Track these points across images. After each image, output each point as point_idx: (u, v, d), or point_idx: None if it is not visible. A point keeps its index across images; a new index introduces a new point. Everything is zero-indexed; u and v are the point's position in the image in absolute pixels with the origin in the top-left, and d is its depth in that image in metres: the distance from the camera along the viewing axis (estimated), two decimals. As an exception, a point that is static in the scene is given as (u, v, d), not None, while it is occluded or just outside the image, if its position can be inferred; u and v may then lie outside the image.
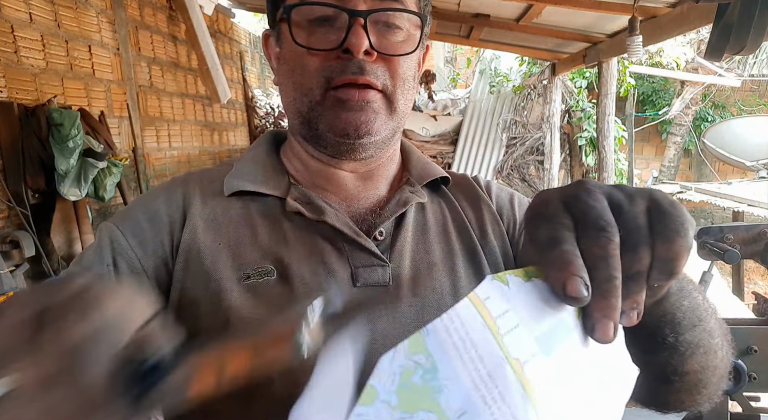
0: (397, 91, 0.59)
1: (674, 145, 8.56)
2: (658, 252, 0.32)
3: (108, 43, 3.36)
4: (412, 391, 0.28)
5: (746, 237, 1.04)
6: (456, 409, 0.27)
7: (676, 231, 0.32)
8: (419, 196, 0.65)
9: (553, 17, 3.59)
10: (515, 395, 0.28)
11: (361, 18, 0.55)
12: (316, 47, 0.57)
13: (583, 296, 0.29)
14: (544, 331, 0.30)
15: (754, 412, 1.06)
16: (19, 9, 2.58)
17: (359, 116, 0.57)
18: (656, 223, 0.32)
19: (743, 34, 1.78)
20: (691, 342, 0.46)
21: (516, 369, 0.28)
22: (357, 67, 0.56)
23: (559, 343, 0.30)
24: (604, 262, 0.30)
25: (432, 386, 0.28)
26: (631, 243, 0.31)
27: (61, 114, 2.54)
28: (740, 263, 3.34)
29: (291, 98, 0.61)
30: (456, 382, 0.28)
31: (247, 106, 6.28)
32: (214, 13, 5.06)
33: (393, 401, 0.28)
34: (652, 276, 0.32)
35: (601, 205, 0.32)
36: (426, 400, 0.28)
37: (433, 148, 6.62)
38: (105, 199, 2.89)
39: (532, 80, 6.38)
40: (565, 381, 0.30)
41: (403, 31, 0.59)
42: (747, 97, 8.85)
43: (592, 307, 0.31)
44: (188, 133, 4.62)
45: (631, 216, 0.32)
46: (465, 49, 8.54)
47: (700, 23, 2.53)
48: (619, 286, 0.31)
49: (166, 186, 0.65)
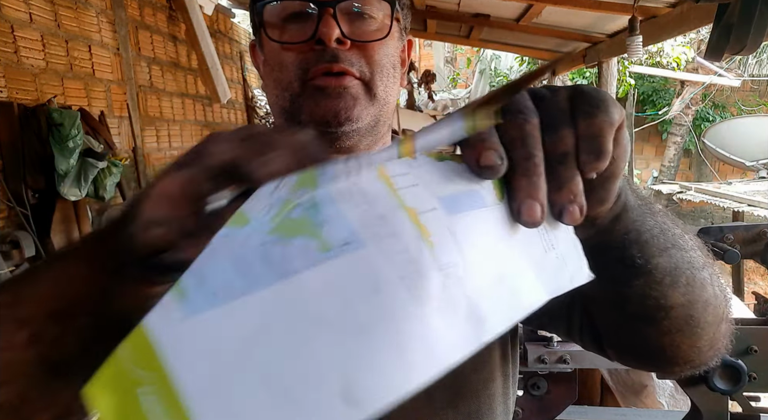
0: (376, 77, 0.60)
1: (674, 145, 8.56)
2: (580, 130, 0.31)
3: (108, 43, 3.36)
4: (289, 221, 0.26)
5: (746, 237, 1.04)
6: (340, 239, 0.25)
7: (596, 106, 0.31)
8: None
9: (553, 17, 3.59)
10: (409, 235, 0.25)
11: (330, 8, 0.56)
12: (290, 41, 0.59)
13: (496, 164, 0.29)
14: (448, 194, 0.28)
15: (754, 412, 1.06)
16: (19, 9, 2.58)
17: (338, 103, 0.58)
18: (577, 105, 0.32)
19: (743, 34, 1.79)
20: (666, 267, 0.44)
21: (411, 216, 0.26)
22: (331, 55, 0.57)
23: (467, 209, 0.28)
24: (521, 141, 0.30)
25: (313, 220, 0.25)
26: (551, 124, 0.31)
27: (61, 114, 2.54)
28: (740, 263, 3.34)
29: (274, 96, 0.62)
30: (341, 218, 0.25)
31: (247, 106, 6.28)
32: (214, 13, 5.06)
33: (266, 227, 0.26)
34: (581, 158, 0.31)
35: (521, 95, 0.32)
36: (306, 228, 0.25)
37: (433, 148, 6.62)
38: (105, 199, 2.89)
39: (532, 80, 6.38)
40: (473, 244, 0.27)
41: (375, 19, 0.60)
42: (747, 97, 8.85)
43: (513, 187, 0.30)
44: (188, 133, 4.62)
45: (551, 101, 0.32)
46: (465, 49, 8.54)
47: (700, 23, 2.53)
48: (540, 165, 0.30)
49: None
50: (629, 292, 0.45)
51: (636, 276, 0.44)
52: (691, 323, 0.47)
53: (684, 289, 0.45)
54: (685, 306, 0.46)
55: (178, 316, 0.24)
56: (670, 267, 0.44)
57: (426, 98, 7.30)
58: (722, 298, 0.50)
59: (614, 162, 0.33)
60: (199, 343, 0.23)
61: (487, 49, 6.29)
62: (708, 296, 0.47)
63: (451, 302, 0.25)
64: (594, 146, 0.31)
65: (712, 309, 0.48)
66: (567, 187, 0.31)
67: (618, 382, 1.87)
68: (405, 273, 0.24)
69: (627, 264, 0.43)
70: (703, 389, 1.02)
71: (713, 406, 1.04)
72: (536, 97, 0.32)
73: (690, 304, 0.46)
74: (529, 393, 1.26)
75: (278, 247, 0.25)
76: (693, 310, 0.46)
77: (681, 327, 0.47)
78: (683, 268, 0.45)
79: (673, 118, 8.15)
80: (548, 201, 0.30)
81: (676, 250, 0.45)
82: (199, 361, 0.23)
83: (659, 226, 0.44)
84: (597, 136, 0.31)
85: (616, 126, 0.32)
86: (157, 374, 0.23)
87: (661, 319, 0.46)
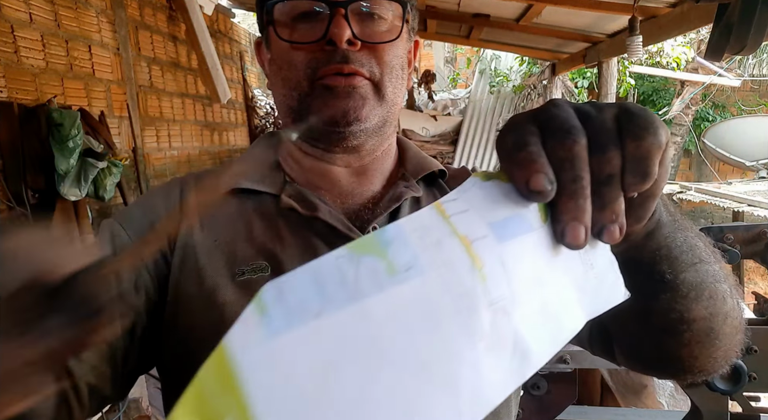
0: (385, 78, 0.60)
1: (674, 145, 8.56)
2: (627, 151, 0.31)
3: (108, 43, 3.36)
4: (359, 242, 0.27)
5: (746, 237, 1.04)
6: (404, 263, 0.26)
7: (645, 128, 0.31)
8: (414, 190, 0.66)
9: (553, 17, 3.59)
10: (463, 265, 0.26)
11: (342, 8, 0.56)
12: (300, 41, 0.58)
13: (546, 189, 0.28)
14: (497, 220, 0.28)
15: (754, 412, 1.06)
16: (19, 9, 2.58)
17: (347, 102, 0.58)
18: (624, 125, 0.31)
19: (743, 34, 1.78)
20: (693, 282, 0.44)
21: (464, 244, 0.27)
22: (341, 56, 0.57)
23: (515, 235, 0.28)
24: (570, 163, 0.30)
25: (379, 239, 0.27)
26: (599, 145, 0.30)
27: (61, 114, 2.53)
28: (740, 263, 3.33)
29: (281, 95, 0.62)
30: (404, 240, 0.27)
31: (247, 106, 6.28)
32: (214, 13, 5.06)
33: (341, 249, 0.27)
34: (626, 180, 0.31)
35: (567, 113, 0.32)
36: (374, 247, 0.26)
37: (433, 148, 6.62)
38: (105, 199, 2.89)
39: (532, 80, 6.37)
40: (521, 273, 0.28)
41: (386, 20, 0.60)
42: (747, 97, 8.85)
43: (559, 209, 0.29)
44: (188, 133, 4.61)
45: (598, 121, 0.31)
46: (465, 49, 8.54)
47: (700, 23, 2.53)
48: (587, 187, 0.30)
49: (165, 185, 0.67)
50: (655, 305, 0.45)
51: (663, 290, 0.44)
52: (711, 335, 0.48)
53: (707, 302, 0.46)
54: (707, 319, 0.47)
55: (259, 337, 0.24)
56: (696, 282, 0.45)
57: (426, 98, 7.30)
58: (739, 310, 0.51)
59: (656, 182, 0.33)
60: (278, 370, 0.24)
61: (487, 49, 6.29)
62: (728, 309, 0.48)
63: (500, 339, 0.26)
64: (641, 169, 0.31)
65: (730, 321, 0.49)
66: (610, 207, 0.31)
67: (618, 382, 1.87)
68: (460, 307, 0.25)
69: (656, 279, 0.44)
70: (703, 389, 1.02)
71: (713, 406, 1.04)
72: (582, 114, 0.32)
73: (711, 317, 0.47)
74: (529, 393, 1.26)
75: (350, 266, 0.26)
76: (714, 322, 0.47)
77: (701, 339, 0.48)
78: (708, 282, 0.46)
79: (673, 118, 8.15)
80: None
81: (701, 265, 0.45)
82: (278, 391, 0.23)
83: (688, 241, 0.44)
84: (645, 159, 0.31)
85: (663, 148, 0.32)
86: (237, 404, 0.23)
87: (684, 331, 0.47)
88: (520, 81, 6.50)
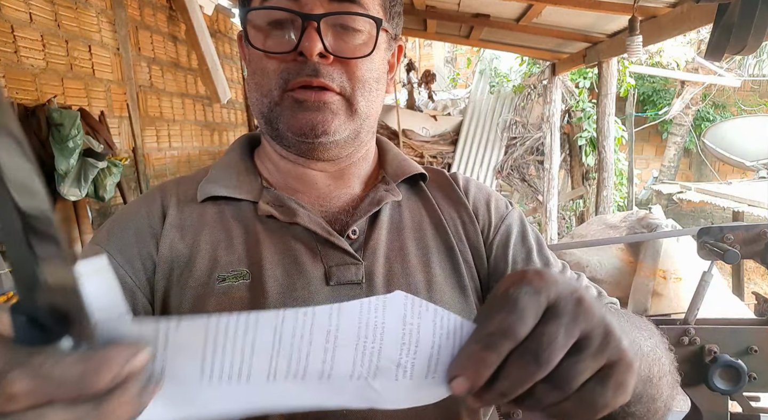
0: (357, 93, 0.59)
1: (674, 145, 8.56)
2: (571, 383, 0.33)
3: (108, 43, 3.36)
4: None
5: (746, 237, 1.04)
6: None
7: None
8: (394, 194, 0.66)
9: (553, 17, 3.58)
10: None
11: (315, 21, 0.55)
12: (272, 50, 0.58)
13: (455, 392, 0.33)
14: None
15: (754, 412, 1.06)
16: (19, 9, 2.58)
17: (315, 116, 0.58)
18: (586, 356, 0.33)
19: (743, 34, 1.78)
20: (638, 401, 0.48)
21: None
22: (312, 69, 0.57)
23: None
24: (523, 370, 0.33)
25: None
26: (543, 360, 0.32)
27: (61, 114, 2.54)
28: (740, 263, 3.34)
29: (255, 99, 0.62)
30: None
31: (247, 106, 6.28)
32: (214, 13, 5.06)
33: None
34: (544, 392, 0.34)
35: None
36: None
37: (433, 148, 6.62)
38: (105, 199, 2.89)
39: (532, 80, 6.37)
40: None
41: (362, 33, 0.59)
42: (747, 97, 8.85)
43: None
44: (188, 133, 4.62)
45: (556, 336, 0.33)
46: (465, 49, 8.54)
47: (700, 23, 2.53)
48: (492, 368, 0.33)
49: (144, 197, 0.66)
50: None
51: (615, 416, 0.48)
52: (651, 410, 0.51)
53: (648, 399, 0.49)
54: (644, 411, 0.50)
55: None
56: (647, 397, 0.49)
57: (426, 98, 7.29)
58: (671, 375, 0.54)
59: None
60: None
61: (487, 49, 6.28)
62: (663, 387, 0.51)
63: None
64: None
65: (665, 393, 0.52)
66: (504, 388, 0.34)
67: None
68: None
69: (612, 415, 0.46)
70: (703, 389, 1.02)
71: (713, 406, 1.04)
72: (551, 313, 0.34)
73: (651, 401, 0.50)
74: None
75: None
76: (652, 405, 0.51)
77: (642, 415, 0.51)
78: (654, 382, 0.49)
79: (673, 118, 8.15)
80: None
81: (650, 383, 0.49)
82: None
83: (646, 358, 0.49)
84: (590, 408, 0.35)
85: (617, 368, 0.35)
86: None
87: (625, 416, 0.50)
88: (520, 81, 6.49)
